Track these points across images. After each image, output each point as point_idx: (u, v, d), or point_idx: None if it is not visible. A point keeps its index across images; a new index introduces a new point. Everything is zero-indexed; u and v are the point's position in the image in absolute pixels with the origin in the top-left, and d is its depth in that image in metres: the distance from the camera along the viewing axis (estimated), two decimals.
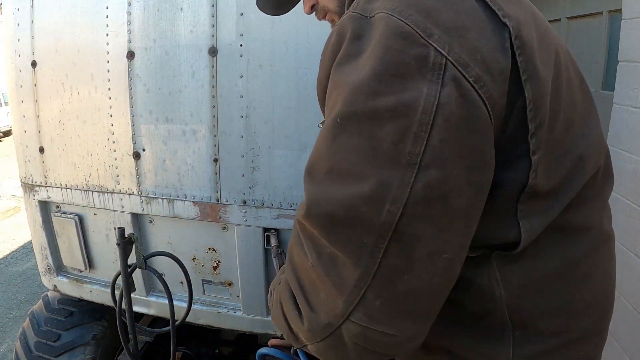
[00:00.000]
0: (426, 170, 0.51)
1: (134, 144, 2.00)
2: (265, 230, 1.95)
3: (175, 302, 1.85)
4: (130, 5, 1.87)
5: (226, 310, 2.15)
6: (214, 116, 1.87)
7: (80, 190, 2.17)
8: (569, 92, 0.67)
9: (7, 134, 13.15)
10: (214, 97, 1.85)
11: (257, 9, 1.27)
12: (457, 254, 0.56)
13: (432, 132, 0.50)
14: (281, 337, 1.18)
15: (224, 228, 2.02)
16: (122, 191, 2.08)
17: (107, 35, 1.93)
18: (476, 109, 0.53)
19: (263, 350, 1.20)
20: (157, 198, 2.04)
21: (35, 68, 2.09)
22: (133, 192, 2.07)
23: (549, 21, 2.75)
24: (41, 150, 2.19)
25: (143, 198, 2.06)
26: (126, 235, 1.69)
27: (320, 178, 0.56)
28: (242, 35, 1.77)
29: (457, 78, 0.52)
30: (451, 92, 0.51)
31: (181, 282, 2.16)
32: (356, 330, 0.56)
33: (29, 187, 2.30)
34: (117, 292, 1.85)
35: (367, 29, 0.56)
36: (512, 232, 0.60)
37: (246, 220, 1.94)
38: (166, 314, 1.87)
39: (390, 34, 0.53)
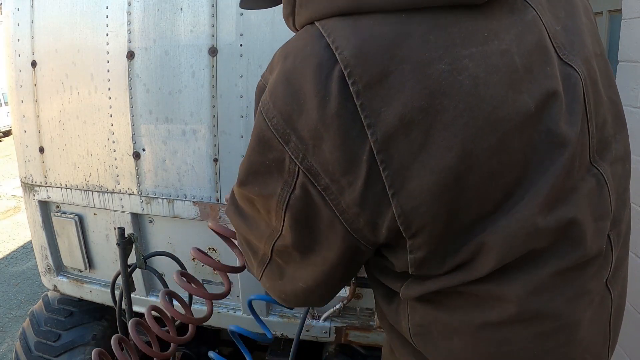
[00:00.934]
0: (282, 239, 0.69)
1: (134, 144, 2.00)
2: None
3: (175, 302, 1.85)
4: (130, 6, 1.87)
5: (226, 310, 2.15)
6: (214, 116, 1.87)
7: (80, 190, 2.17)
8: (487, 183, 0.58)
9: (7, 134, 13.16)
10: (214, 97, 1.85)
11: (257, 9, 1.26)
12: (312, 285, 0.73)
13: (285, 219, 0.65)
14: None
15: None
16: (122, 191, 2.08)
17: (107, 35, 1.93)
18: (321, 212, 0.62)
19: (232, 327, 1.33)
20: (157, 198, 2.04)
21: (35, 68, 2.09)
22: (133, 192, 2.07)
23: None
24: (41, 150, 2.19)
25: (143, 198, 2.06)
26: (126, 235, 1.70)
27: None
28: (242, 35, 1.77)
29: (306, 185, 0.60)
30: (300, 195, 0.62)
31: None
32: (265, 284, 0.82)
33: (29, 187, 2.30)
34: (117, 292, 1.85)
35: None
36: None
37: None
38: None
39: (256, 135, 0.64)
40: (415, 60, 0.54)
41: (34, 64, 2.09)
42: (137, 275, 2.14)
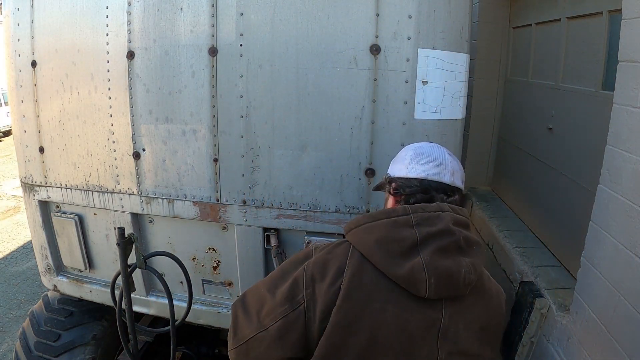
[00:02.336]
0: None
1: (134, 143, 2.00)
2: (265, 230, 1.95)
3: (175, 302, 1.85)
4: (130, 5, 1.87)
5: (226, 310, 2.15)
6: (214, 116, 1.86)
7: (80, 190, 2.17)
8: None
9: (7, 133, 13.15)
10: (214, 97, 1.85)
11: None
12: None
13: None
14: None
15: (224, 228, 2.02)
16: (122, 191, 2.08)
17: (107, 35, 1.93)
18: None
19: None
20: (157, 198, 2.04)
21: (35, 68, 2.09)
22: (133, 192, 2.06)
23: (549, 21, 2.75)
24: (41, 150, 2.19)
25: (143, 198, 2.06)
26: (126, 235, 1.69)
27: None
28: (242, 35, 1.77)
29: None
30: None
31: (181, 282, 2.16)
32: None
33: (29, 187, 2.30)
34: (117, 293, 1.85)
35: None
36: None
37: (246, 220, 1.94)
38: (166, 313, 1.87)
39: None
40: None
41: (34, 63, 2.09)
42: (137, 275, 2.14)
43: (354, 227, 1.12)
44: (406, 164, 1.22)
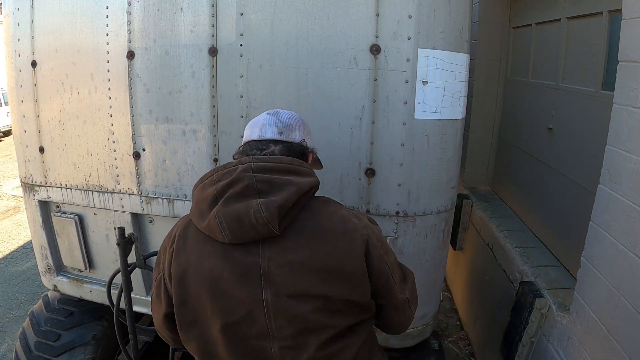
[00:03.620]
0: None
1: (134, 143, 2.00)
2: None
3: None
4: (130, 5, 1.87)
5: None
6: (214, 116, 1.86)
7: (80, 190, 2.17)
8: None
9: (7, 133, 13.15)
10: (214, 97, 1.85)
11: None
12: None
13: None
14: None
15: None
16: (122, 191, 2.08)
17: (107, 35, 1.93)
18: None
19: None
20: (157, 198, 2.04)
21: (35, 68, 2.09)
22: (133, 192, 2.07)
23: (549, 21, 2.75)
24: (41, 150, 2.19)
25: (143, 198, 2.06)
26: (126, 235, 1.69)
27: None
28: (242, 35, 1.77)
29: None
30: None
31: None
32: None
33: (29, 187, 2.30)
34: (116, 293, 1.85)
35: None
36: None
37: None
38: None
39: None
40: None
41: (34, 63, 2.09)
42: (137, 275, 2.14)
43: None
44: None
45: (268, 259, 1.12)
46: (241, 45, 1.78)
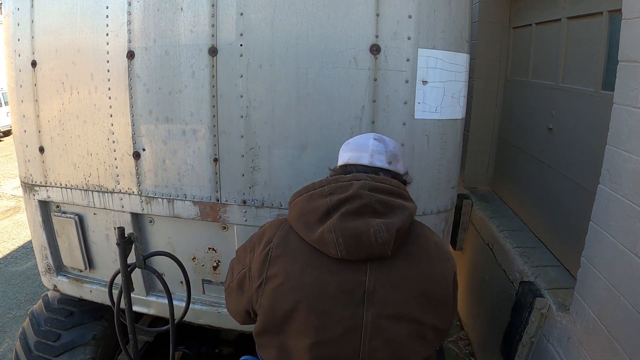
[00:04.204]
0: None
1: (134, 143, 2.00)
2: None
3: (175, 302, 1.85)
4: (130, 5, 1.87)
5: (226, 310, 2.15)
6: (214, 116, 1.86)
7: (80, 190, 2.17)
8: None
9: (7, 133, 13.15)
10: (214, 97, 1.85)
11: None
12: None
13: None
14: None
15: (224, 228, 2.02)
16: (122, 191, 2.08)
17: (107, 35, 1.93)
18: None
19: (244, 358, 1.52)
20: (157, 198, 2.04)
21: (35, 68, 2.09)
22: (133, 192, 2.07)
23: (549, 21, 2.75)
24: (41, 150, 2.19)
25: (143, 198, 2.06)
26: (126, 235, 1.69)
27: None
28: (242, 35, 1.77)
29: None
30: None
31: (181, 282, 2.16)
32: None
33: (29, 187, 2.30)
34: (116, 293, 1.85)
35: None
36: None
37: (246, 220, 1.94)
38: (166, 313, 1.87)
39: None
40: None
41: (34, 63, 2.09)
42: (137, 275, 2.14)
43: (289, 204, 1.28)
44: (339, 155, 1.39)
45: (374, 279, 1.12)
46: (241, 45, 1.78)
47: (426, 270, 1.17)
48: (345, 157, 1.34)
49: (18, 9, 2.06)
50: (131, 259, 1.75)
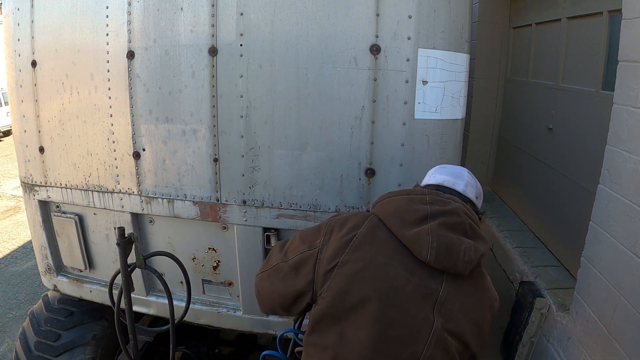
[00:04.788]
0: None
1: (134, 143, 2.00)
2: (265, 230, 1.95)
3: (175, 302, 1.85)
4: (130, 5, 1.87)
5: (226, 310, 2.15)
6: (214, 116, 1.86)
7: (80, 190, 2.17)
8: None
9: (7, 133, 13.15)
10: (214, 97, 1.85)
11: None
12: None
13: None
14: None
15: (224, 228, 2.02)
16: (122, 191, 2.08)
17: (107, 35, 1.93)
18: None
19: (266, 352, 1.51)
20: (157, 198, 2.04)
21: (35, 68, 2.09)
22: (133, 192, 2.06)
23: (549, 21, 2.74)
24: (41, 150, 2.19)
25: (143, 198, 2.06)
26: (126, 235, 1.69)
27: None
28: (242, 35, 1.77)
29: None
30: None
31: (181, 282, 2.16)
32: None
33: (29, 187, 2.30)
34: (116, 293, 1.85)
35: None
36: None
37: (246, 220, 1.94)
38: (166, 313, 1.87)
39: None
40: None
41: (34, 63, 2.09)
42: (137, 275, 2.14)
43: (378, 201, 1.33)
44: (429, 175, 1.46)
45: (447, 292, 1.18)
46: (241, 45, 1.78)
47: (483, 302, 1.25)
48: (440, 178, 1.40)
49: (18, 9, 2.06)
50: (131, 259, 1.75)
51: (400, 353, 1.12)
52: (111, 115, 2.00)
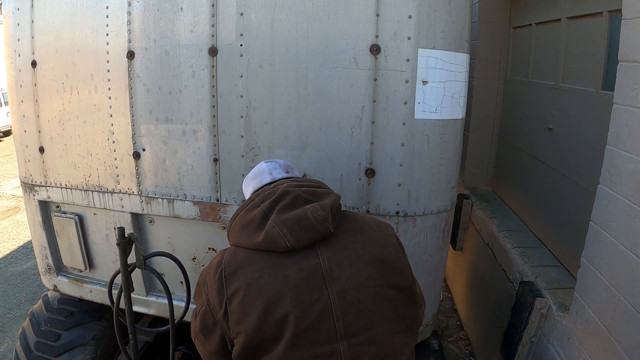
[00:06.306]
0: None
1: (134, 143, 2.00)
2: None
3: (175, 302, 1.85)
4: (130, 5, 1.87)
5: None
6: (214, 116, 1.86)
7: (80, 190, 2.17)
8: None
9: (7, 133, 13.15)
10: (214, 97, 1.85)
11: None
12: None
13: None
14: None
15: (224, 228, 2.02)
16: (122, 191, 2.08)
17: (107, 35, 1.93)
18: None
19: None
20: (157, 198, 2.04)
21: (35, 68, 2.09)
22: (133, 192, 2.06)
23: (549, 21, 2.75)
24: (41, 150, 2.19)
25: (143, 198, 2.06)
26: (126, 235, 1.69)
27: None
28: (242, 35, 1.77)
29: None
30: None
31: (181, 282, 2.16)
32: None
33: (29, 187, 2.30)
34: (116, 293, 1.85)
35: None
36: None
37: None
38: (166, 313, 1.87)
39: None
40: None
41: (34, 63, 2.09)
42: (137, 275, 2.14)
43: (228, 233, 1.33)
44: (244, 192, 1.47)
45: (328, 260, 1.17)
46: (241, 45, 1.78)
47: (370, 238, 1.25)
48: (250, 188, 1.42)
49: (18, 9, 2.06)
50: (131, 259, 1.75)
51: (318, 339, 1.12)
52: (111, 115, 2.00)
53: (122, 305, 1.81)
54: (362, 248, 1.22)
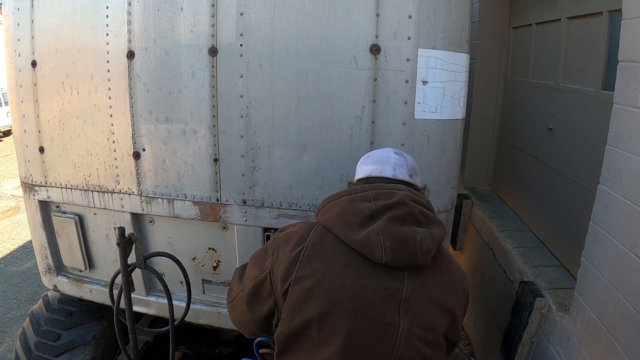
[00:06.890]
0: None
1: (134, 143, 2.00)
2: (265, 230, 1.95)
3: (175, 302, 1.85)
4: (130, 5, 1.87)
5: (226, 310, 2.15)
6: (214, 116, 1.86)
7: (80, 190, 2.17)
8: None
9: (7, 133, 13.15)
10: (214, 97, 1.85)
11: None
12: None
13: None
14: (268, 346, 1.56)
15: (224, 228, 2.02)
16: (122, 191, 2.08)
17: (107, 35, 1.92)
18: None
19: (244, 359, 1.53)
20: (157, 198, 2.04)
21: (35, 68, 2.09)
22: (133, 192, 2.06)
23: (549, 21, 2.75)
24: (41, 150, 2.19)
25: (143, 198, 2.06)
26: (126, 235, 1.69)
27: None
28: (242, 35, 1.77)
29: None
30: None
31: (181, 282, 2.16)
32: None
33: (29, 187, 2.30)
34: (116, 293, 1.85)
35: None
36: None
37: (246, 220, 1.94)
38: (166, 313, 1.87)
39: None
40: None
41: (34, 63, 2.09)
42: (137, 275, 2.14)
43: (320, 208, 1.26)
44: (357, 169, 1.39)
45: (411, 289, 1.12)
46: (241, 45, 1.78)
47: (450, 284, 1.21)
48: (366, 170, 1.33)
49: (18, 9, 2.06)
50: (131, 259, 1.75)
51: (369, 358, 1.09)
52: (111, 115, 2.00)
53: (122, 305, 1.81)
54: (442, 291, 1.18)
